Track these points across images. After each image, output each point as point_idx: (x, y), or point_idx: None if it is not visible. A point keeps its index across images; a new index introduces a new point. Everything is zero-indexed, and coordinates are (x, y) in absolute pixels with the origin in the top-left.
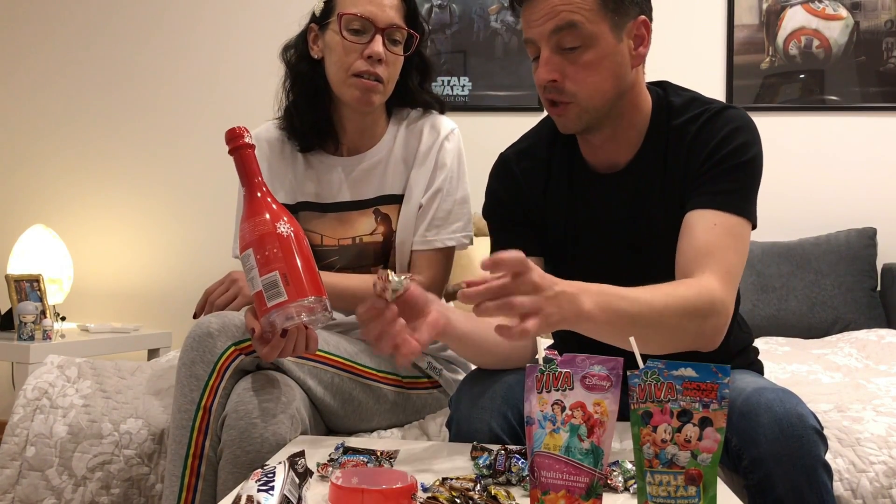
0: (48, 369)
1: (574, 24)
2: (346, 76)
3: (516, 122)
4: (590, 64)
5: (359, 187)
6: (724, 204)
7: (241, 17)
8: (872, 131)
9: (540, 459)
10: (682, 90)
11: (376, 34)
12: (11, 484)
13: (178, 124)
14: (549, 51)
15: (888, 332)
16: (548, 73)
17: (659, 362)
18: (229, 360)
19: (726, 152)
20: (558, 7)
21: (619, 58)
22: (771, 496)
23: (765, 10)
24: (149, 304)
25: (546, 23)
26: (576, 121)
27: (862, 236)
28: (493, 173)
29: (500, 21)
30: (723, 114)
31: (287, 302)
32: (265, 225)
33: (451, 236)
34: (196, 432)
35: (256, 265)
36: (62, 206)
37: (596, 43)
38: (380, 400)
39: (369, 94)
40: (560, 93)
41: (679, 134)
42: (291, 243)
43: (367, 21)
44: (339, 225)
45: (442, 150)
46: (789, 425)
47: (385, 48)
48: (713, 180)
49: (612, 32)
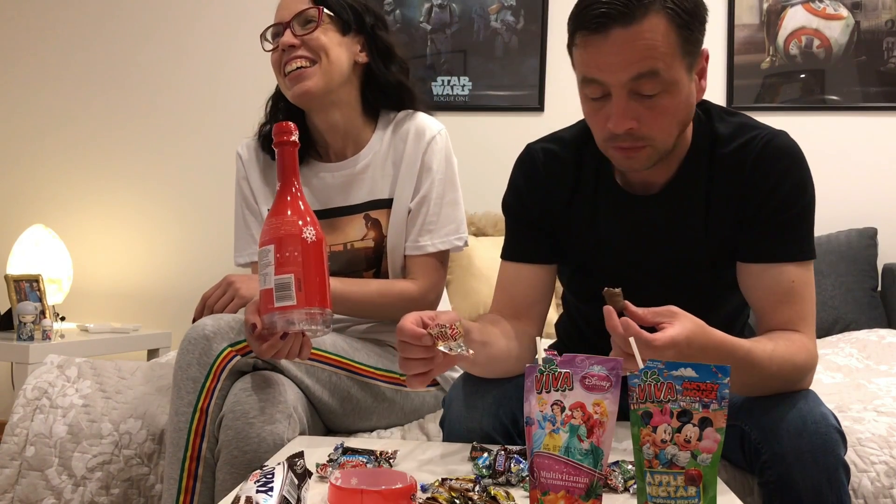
0: (48, 369)
1: (656, 72)
2: (282, 79)
3: (516, 122)
4: (667, 108)
5: (348, 192)
6: (795, 255)
7: (242, 18)
8: (873, 131)
9: (540, 460)
10: (726, 113)
11: (285, 29)
12: (11, 484)
13: (178, 124)
14: (625, 98)
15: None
16: (625, 122)
17: (659, 362)
18: (225, 362)
19: (786, 196)
20: (639, 54)
21: (690, 98)
22: (789, 494)
23: (765, 9)
24: (148, 304)
25: (626, 69)
26: (646, 161)
27: (862, 236)
28: (518, 165)
29: (500, 21)
30: (773, 144)
31: (294, 307)
32: (292, 226)
33: (444, 240)
34: (193, 435)
35: (274, 263)
36: (62, 205)
37: (675, 88)
38: (378, 398)
39: (300, 82)
40: (634, 139)
41: (729, 164)
42: (313, 251)
43: (278, 25)
44: (330, 231)
45: (428, 152)
46: (812, 422)
47: (294, 34)
48: (779, 229)
49: (686, 74)
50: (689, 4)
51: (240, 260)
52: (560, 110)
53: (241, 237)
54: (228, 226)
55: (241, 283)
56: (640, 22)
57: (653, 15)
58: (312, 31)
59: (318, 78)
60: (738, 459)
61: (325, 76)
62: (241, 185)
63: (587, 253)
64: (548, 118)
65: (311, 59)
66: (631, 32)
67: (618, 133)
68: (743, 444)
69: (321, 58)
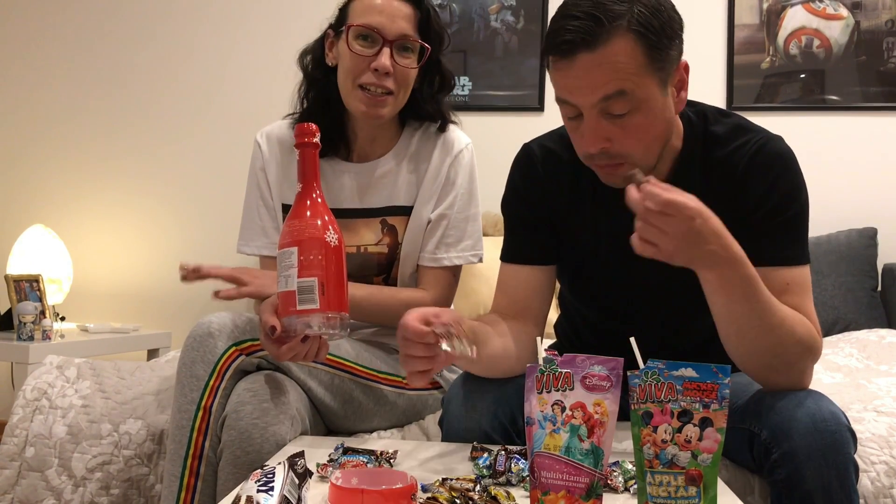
0: (47, 370)
1: (623, 92)
2: (352, 87)
3: (516, 122)
4: (640, 126)
5: (367, 195)
6: (789, 259)
7: (242, 18)
8: (873, 131)
9: (540, 460)
10: (721, 115)
11: (384, 46)
12: (11, 484)
13: (177, 124)
14: (594, 119)
15: (889, 333)
16: (596, 142)
17: (659, 362)
18: (230, 361)
19: (780, 200)
20: (605, 76)
21: (666, 112)
22: (799, 492)
23: (765, 9)
24: (148, 304)
25: (593, 92)
26: (627, 178)
27: (862, 236)
28: (516, 164)
29: (500, 21)
30: (767, 149)
31: (317, 310)
32: (315, 229)
33: (460, 255)
34: (196, 432)
35: (297, 265)
36: (62, 205)
37: (645, 105)
38: (380, 400)
39: (376, 108)
40: (610, 157)
41: (723, 166)
42: (335, 254)
43: (375, 33)
44: (345, 232)
45: (454, 165)
46: (823, 421)
47: (393, 60)
48: (773, 233)
49: (659, 89)
50: (656, 22)
51: (245, 249)
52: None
53: (250, 227)
54: (229, 226)
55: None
56: (606, 45)
57: (618, 37)
58: (409, 68)
59: (392, 108)
60: (747, 461)
61: (397, 106)
62: (258, 176)
63: (586, 252)
64: (548, 118)
65: (392, 89)
66: (596, 56)
67: (592, 153)
68: (752, 445)
69: (401, 90)
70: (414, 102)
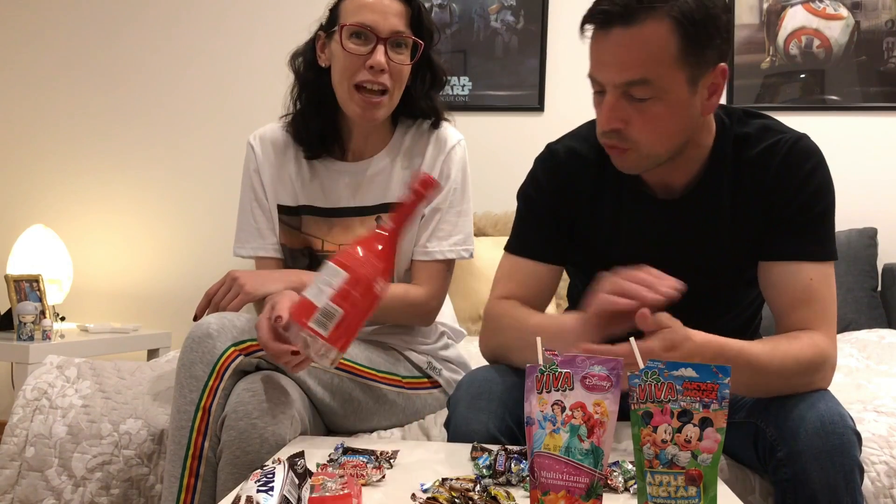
0: (47, 369)
1: (647, 81)
2: (349, 89)
3: (516, 122)
4: (658, 116)
5: (361, 194)
6: (815, 254)
7: (242, 18)
8: (873, 131)
9: (540, 460)
10: (746, 115)
11: (378, 44)
12: (11, 484)
13: (178, 124)
14: (615, 97)
15: (889, 333)
16: (611, 121)
17: (659, 362)
18: (229, 361)
19: (809, 196)
20: (634, 58)
21: (690, 110)
22: (804, 492)
23: (765, 9)
24: (148, 304)
25: (619, 73)
26: (633, 166)
27: (862, 236)
28: (540, 162)
29: (500, 21)
30: (799, 146)
31: (321, 338)
32: (374, 270)
33: (452, 249)
34: (195, 433)
35: (337, 288)
36: (62, 205)
37: (668, 96)
38: (380, 400)
39: (372, 111)
40: (621, 139)
41: (754, 166)
42: (372, 302)
43: (368, 31)
44: (341, 231)
45: (447, 161)
46: (830, 422)
47: (387, 57)
48: (801, 229)
49: (687, 85)
50: (699, 15)
51: (241, 252)
52: (560, 110)
53: (245, 229)
54: (229, 226)
55: (246, 278)
56: (642, 24)
57: (655, 20)
58: (403, 64)
59: (387, 108)
60: (750, 458)
61: (392, 106)
62: (252, 178)
63: (605, 252)
64: (547, 118)
65: (388, 86)
66: (630, 33)
67: (604, 130)
68: (756, 441)
69: (395, 87)
70: (407, 100)
